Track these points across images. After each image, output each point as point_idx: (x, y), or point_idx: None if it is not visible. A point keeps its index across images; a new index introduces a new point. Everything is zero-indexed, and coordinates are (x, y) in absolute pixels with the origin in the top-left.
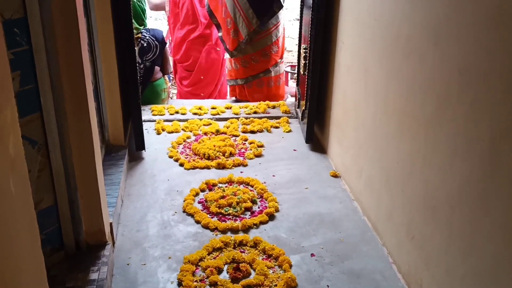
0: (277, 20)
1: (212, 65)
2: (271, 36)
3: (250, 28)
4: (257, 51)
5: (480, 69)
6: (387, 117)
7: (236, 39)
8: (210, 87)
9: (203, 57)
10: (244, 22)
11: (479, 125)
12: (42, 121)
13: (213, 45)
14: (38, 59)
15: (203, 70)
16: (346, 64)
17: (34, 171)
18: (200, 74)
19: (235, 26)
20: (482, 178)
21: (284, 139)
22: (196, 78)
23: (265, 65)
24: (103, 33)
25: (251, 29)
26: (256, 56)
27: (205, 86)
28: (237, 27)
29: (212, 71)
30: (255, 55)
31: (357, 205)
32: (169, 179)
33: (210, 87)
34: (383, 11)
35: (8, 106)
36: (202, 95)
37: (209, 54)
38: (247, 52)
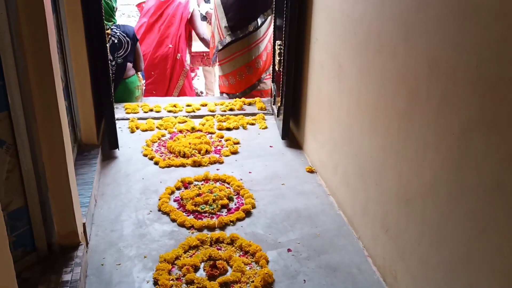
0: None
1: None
2: (253, 52)
3: (221, 37)
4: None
5: (449, 64)
6: (361, 112)
7: (213, 48)
8: (164, 84)
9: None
10: (218, 29)
11: (448, 119)
12: (10, 120)
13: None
14: (4, 56)
15: (153, 65)
16: (320, 60)
17: (2, 172)
18: (150, 70)
19: (213, 34)
20: (452, 170)
21: (260, 136)
22: (147, 74)
23: (252, 80)
24: (73, 30)
25: (222, 38)
26: (241, 71)
27: (159, 83)
28: (214, 34)
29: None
30: (240, 70)
31: (333, 199)
32: (144, 178)
33: (164, 84)
34: (355, 7)
35: None
36: (154, 92)
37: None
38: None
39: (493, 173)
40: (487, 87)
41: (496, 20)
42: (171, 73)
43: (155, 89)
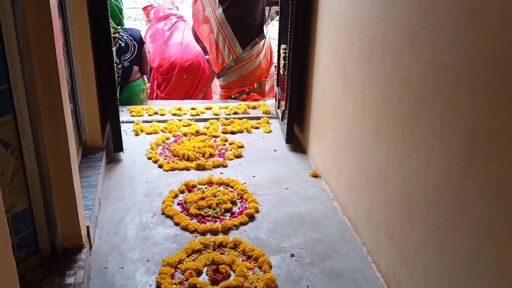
0: (258, 48)
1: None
2: (254, 62)
3: (233, 55)
4: (243, 75)
5: (455, 68)
6: (365, 116)
7: (221, 64)
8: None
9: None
10: (228, 49)
11: (454, 124)
12: (16, 122)
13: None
14: (11, 59)
15: (183, 69)
16: (325, 65)
17: (7, 173)
18: (182, 74)
19: (220, 52)
20: (457, 176)
21: (264, 140)
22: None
23: (251, 85)
24: (79, 33)
25: (235, 56)
26: (242, 80)
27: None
28: (222, 53)
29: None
30: (241, 79)
31: (337, 204)
32: (148, 181)
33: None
34: (360, 12)
35: None
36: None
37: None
38: (232, 78)
39: (498, 180)
40: (493, 93)
41: (502, 26)
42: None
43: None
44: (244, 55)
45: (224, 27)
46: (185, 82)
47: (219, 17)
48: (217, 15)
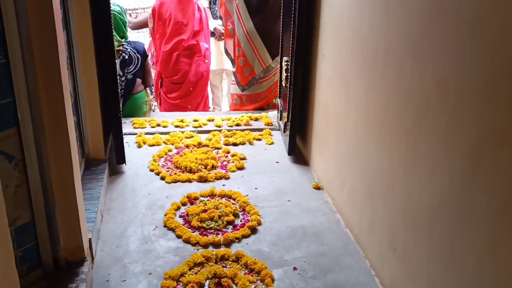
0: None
1: (201, 77)
2: (275, 77)
3: (263, 66)
4: (267, 88)
5: (457, 81)
6: (368, 128)
7: (249, 75)
8: (198, 99)
9: (192, 69)
10: (258, 60)
11: (457, 137)
12: (20, 135)
13: (201, 57)
14: (15, 73)
15: (192, 82)
16: (327, 77)
17: (11, 186)
18: (189, 86)
19: (249, 64)
20: (461, 189)
21: (266, 151)
22: (185, 90)
23: (263, 105)
24: (83, 46)
25: (264, 66)
26: (258, 96)
27: (194, 98)
28: (250, 64)
29: (201, 83)
30: (266, 92)
31: (340, 217)
32: (150, 193)
33: (197, 99)
34: (362, 24)
35: None
36: (189, 107)
37: (198, 66)
38: (258, 90)
39: (503, 193)
40: (496, 105)
41: (504, 38)
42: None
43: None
44: (273, 66)
45: (253, 38)
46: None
47: (249, 29)
48: (247, 27)
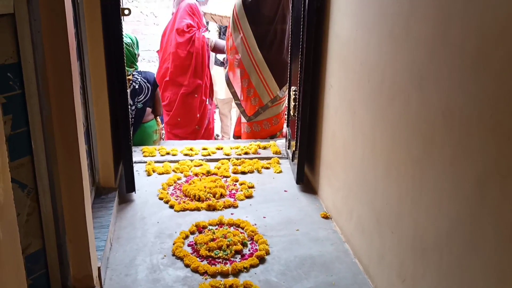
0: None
1: (190, 110)
2: (283, 104)
3: (271, 96)
4: (270, 117)
5: (463, 112)
6: (375, 158)
7: (256, 105)
8: (188, 129)
9: (179, 101)
10: (266, 90)
11: (463, 167)
12: (33, 164)
13: (189, 90)
14: (30, 103)
15: (179, 113)
16: (334, 106)
17: (23, 215)
18: (177, 117)
19: (256, 94)
20: (469, 219)
21: (275, 180)
22: (173, 119)
23: (274, 131)
24: (96, 76)
25: (272, 96)
26: (268, 122)
27: (183, 128)
28: (258, 95)
29: (190, 115)
30: (267, 121)
31: (349, 247)
32: (159, 221)
33: (188, 129)
34: (368, 55)
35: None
36: (179, 137)
37: (185, 99)
38: (268, 115)
39: (510, 223)
40: (502, 136)
41: (508, 70)
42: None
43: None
44: (280, 95)
45: (262, 69)
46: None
47: (257, 60)
48: (256, 59)
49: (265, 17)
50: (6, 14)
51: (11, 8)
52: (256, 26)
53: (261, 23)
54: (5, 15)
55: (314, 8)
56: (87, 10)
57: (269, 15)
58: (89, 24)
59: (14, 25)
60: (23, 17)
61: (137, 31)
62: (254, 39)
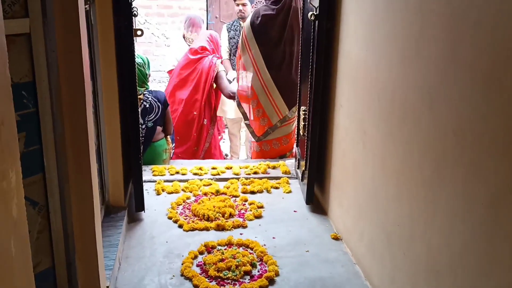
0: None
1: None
2: (293, 124)
3: (280, 116)
4: (279, 137)
5: (474, 132)
6: (386, 178)
7: (265, 126)
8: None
9: (179, 118)
10: (275, 111)
11: (477, 187)
12: (44, 182)
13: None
14: (44, 121)
15: (178, 131)
16: (344, 126)
17: (33, 232)
18: (176, 135)
19: (265, 114)
20: (483, 240)
21: (284, 200)
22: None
23: (284, 151)
24: (108, 95)
25: (281, 116)
26: (278, 141)
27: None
28: (267, 115)
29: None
30: (277, 141)
31: (359, 269)
32: (168, 241)
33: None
34: (378, 75)
35: (14, 169)
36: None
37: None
38: (277, 135)
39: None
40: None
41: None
42: (197, 138)
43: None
44: (289, 116)
45: (271, 90)
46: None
47: (266, 81)
48: (265, 79)
49: (273, 38)
50: (22, 34)
51: (27, 28)
52: (265, 47)
53: (269, 44)
54: (21, 35)
55: (324, 30)
56: (100, 31)
57: (277, 36)
58: (103, 44)
59: (30, 45)
60: (38, 36)
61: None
62: (263, 60)
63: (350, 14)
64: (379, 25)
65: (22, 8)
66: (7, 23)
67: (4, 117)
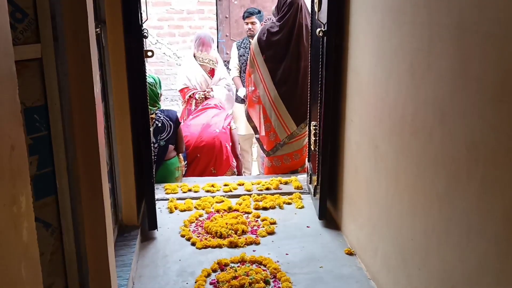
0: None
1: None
2: (304, 140)
3: (287, 132)
4: (290, 152)
5: (488, 146)
6: (400, 193)
7: (274, 141)
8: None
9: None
10: (283, 127)
11: (491, 203)
12: (57, 203)
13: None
14: (56, 144)
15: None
16: (356, 141)
17: (46, 254)
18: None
19: (274, 130)
20: (499, 256)
21: (296, 216)
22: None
23: (295, 166)
24: (120, 116)
25: (289, 132)
26: (289, 156)
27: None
28: (275, 131)
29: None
30: (288, 156)
31: (374, 284)
32: (181, 259)
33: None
34: (388, 91)
35: (24, 193)
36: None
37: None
38: (288, 150)
39: None
40: None
41: None
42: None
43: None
44: (298, 132)
45: (278, 106)
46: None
47: (274, 97)
48: (272, 96)
49: (278, 54)
50: (34, 59)
51: (38, 53)
52: (271, 64)
53: (274, 60)
54: (34, 60)
55: (332, 46)
56: (112, 53)
57: (282, 53)
58: (114, 66)
59: (42, 69)
60: (50, 61)
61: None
62: (270, 76)
63: (358, 29)
64: (387, 39)
65: (33, 34)
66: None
67: (15, 142)
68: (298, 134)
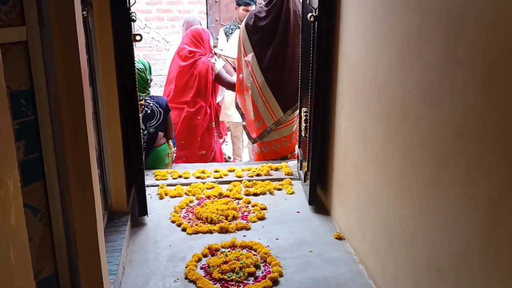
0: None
1: (192, 133)
2: (293, 125)
3: (274, 118)
4: (278, 138)
5: (475, 131)
6: (388, 178)
7: (260, 128)
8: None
9: (182, 123)
10: (269, 113)
11: (477, 186)
12: (45, 189)
13: (192, 112)
14: (43, 129)
15: (182, 135)
16: (345, 127)
17: (35, 239)
18: (180, 139)
19: (260, 116)
20: (484, 238)
21: (287, 201)
22: (177, 142)
23: (285, 152)
24: (108, 101)
25: (275, 119)
26: (277, 142)
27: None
28: (262, 117)
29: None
30: (277, 142)
31: (363, 268)
32: (171, 244)
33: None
34: (378, 76)
35: (11, 177)
36: (184, 159)
37: (188, 121)
38: (276, 136)
39: None
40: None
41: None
42: (203, 142)
43: (185, 156)
44: (284, 118)
45: (265, 93)
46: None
47: (261, 84)
48: (259, 82)
49: (265, 39)
50: (19, 42)
51: (24, 36)
52: (258, 49)
53: (262, 46)
54: (18, 43)
55: (323, 31)
56: (99, 37)
57: (268, 38)
58: (101, 50)
59: (27, 52)
60: (35, 44)
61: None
62: (257, 62)
63: (349, 15)
64: (378, 24)
65: (18, 16)
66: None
67: (1, 126)
68: (285, 121)
